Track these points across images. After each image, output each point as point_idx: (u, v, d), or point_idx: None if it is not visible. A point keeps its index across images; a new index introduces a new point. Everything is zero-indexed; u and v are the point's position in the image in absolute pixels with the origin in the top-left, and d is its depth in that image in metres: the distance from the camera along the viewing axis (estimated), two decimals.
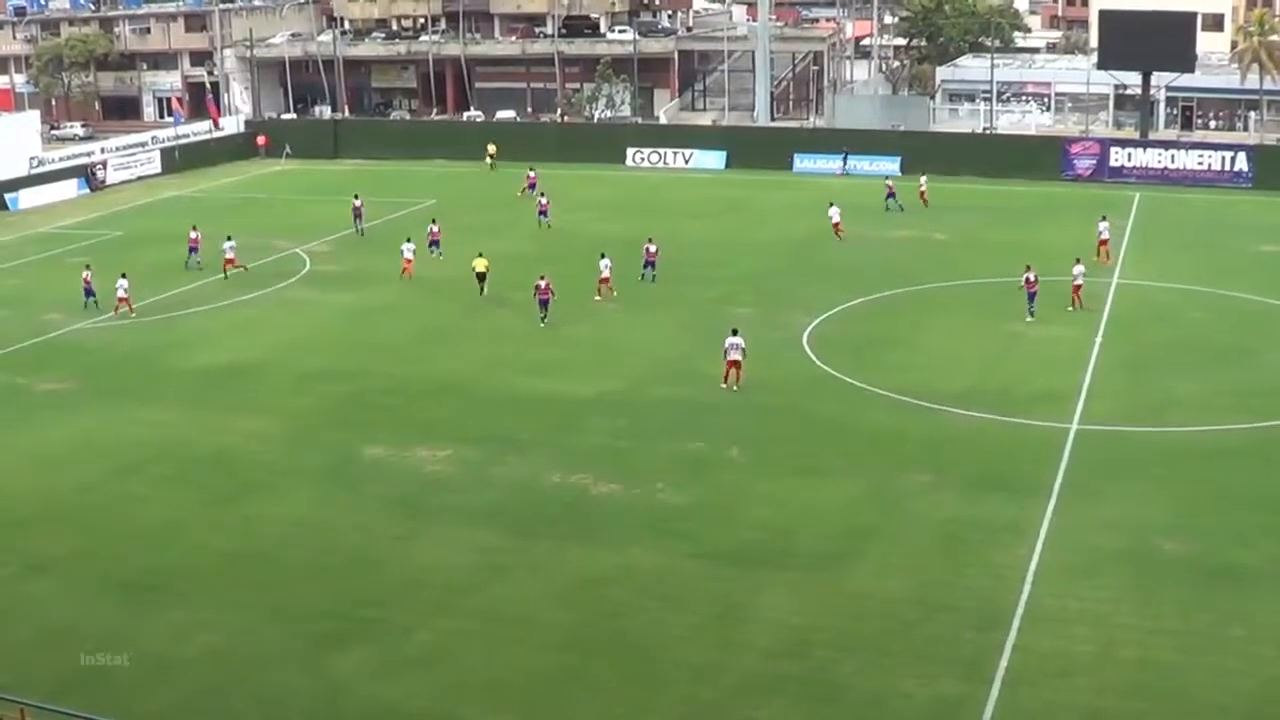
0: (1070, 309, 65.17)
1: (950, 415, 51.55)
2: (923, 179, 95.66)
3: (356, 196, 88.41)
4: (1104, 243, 76.39)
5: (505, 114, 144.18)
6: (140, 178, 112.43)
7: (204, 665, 34.03)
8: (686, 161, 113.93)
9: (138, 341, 62.84)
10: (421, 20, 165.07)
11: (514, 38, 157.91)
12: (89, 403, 54.80)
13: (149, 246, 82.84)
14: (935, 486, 44.71)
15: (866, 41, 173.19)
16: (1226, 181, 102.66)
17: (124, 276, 66.97)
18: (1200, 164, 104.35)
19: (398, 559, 40.10)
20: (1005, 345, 60.66)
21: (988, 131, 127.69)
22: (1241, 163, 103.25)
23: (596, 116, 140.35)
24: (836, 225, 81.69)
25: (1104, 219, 78.10)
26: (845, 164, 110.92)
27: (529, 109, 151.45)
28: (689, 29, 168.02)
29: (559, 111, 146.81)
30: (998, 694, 32.11)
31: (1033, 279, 64.54)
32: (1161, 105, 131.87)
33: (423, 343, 62.19)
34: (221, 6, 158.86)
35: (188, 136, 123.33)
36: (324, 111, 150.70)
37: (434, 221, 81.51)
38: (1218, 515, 42.27)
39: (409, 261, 73.27)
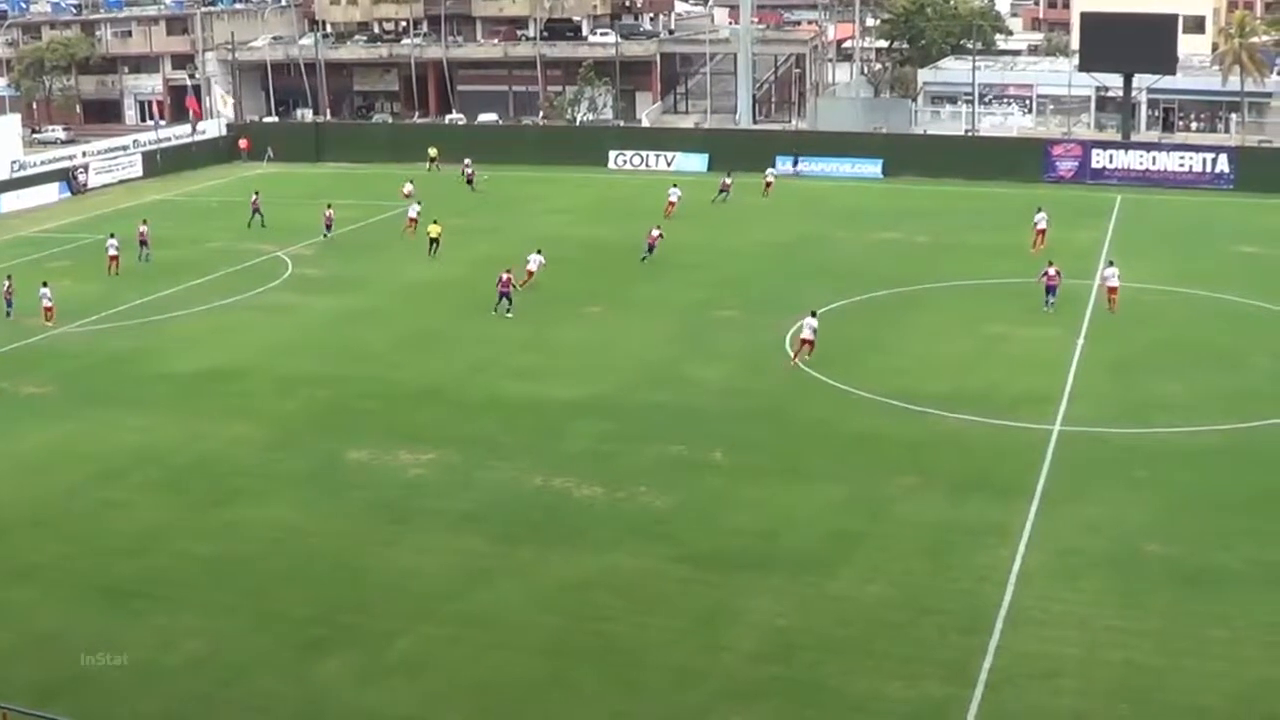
0: (1108, 310, 65.64)
1: (934, 417, 51.60)
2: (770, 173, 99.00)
3: (329, 206, 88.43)
4: (1041, 233, 79.01)
5: (487, 117, 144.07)
6: (122, 181, 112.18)
7: (189, 672, 33.96)
8: (669, 164, 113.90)
9: (119, 346, 62.69)
10: (403, 23, 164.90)
11: (496, 40, 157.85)
12: (71, 408, 54.64)
13: (131, 250, 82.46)
14: (919, 489, 44.76)
15: (848, 44, 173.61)
16: (1208, 183, 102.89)
17: (46, 285, 66.42)
18: (1182, 166, 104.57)
19: (380, 564, 40.04)
20: (988, 347, 60.73)
21: (970, 134, 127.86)
22: (1223, 164, 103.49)
23: (578, 119, 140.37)
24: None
25: (1040, 210, 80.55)
26: (796, 165, 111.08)
27: (511, 112, 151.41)
28: (671, 32, 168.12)
29: (541, 114, 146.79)
30: (981, 696, 32.17)
31: (1053, 274, 66.00)
32: (1143, 107, 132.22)
33: (406, 347, 62.12)
34: (203, 10, 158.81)
35: (169, 140, 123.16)
36: (306, 114, 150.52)
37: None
38: (1200, 517, 42.36)
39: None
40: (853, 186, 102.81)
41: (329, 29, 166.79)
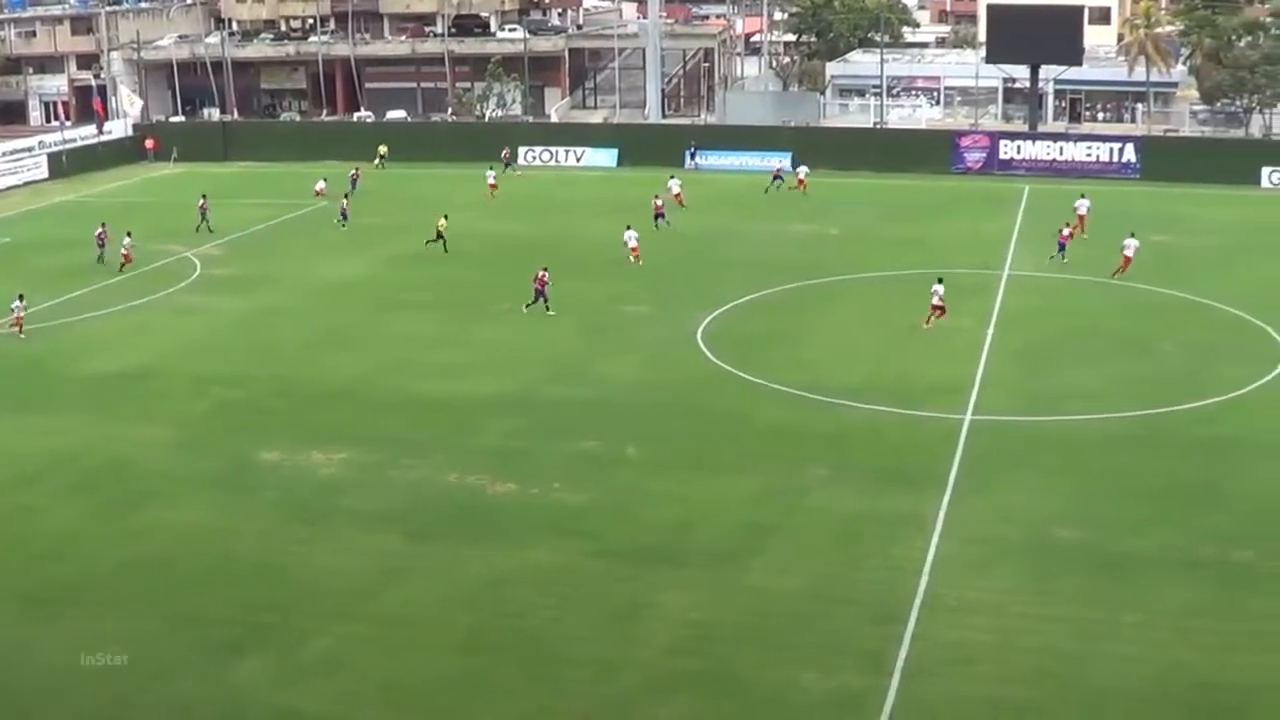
0: (1116, 277, 69.31)
1: (846, 409, 51.84)
2: (801, 169, 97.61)
3: (204, 196, 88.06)
4: (1081, 219, 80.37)
5: (396, 114, 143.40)
6: (27, 183, 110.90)
7: (105, 676, 33.62)
8: (578, 160, 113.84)
9: (29, 349, 61.97)
10: (310, 21, 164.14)
11: (404, 37, 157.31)
12: None
13: (37, 253, 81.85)
14: (832, 480, 44.97)
15: (757, 38, 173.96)
16: (1115, 172, 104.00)
17: (21, 297, 65.41)
18: (1089, 155, 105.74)
19: (295, 564, 39.83)
20: (899, 338, 61.02)
21: (878, 126, 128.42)
22: (1129, 154, 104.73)
23: (487, 116, 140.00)
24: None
25: (1083, 196, 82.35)
26: (694, 158, 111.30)
27: (420, 109, 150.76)
28: (579, 27, 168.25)
29: (450, 111, 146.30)
30: (898, 685, 32.34)
31: (1067, 232, 74.52)
32: (1050, 98, 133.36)
33: (318, 346, 61.82)
34: (108, 9, 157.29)
35: (75, 141, 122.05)
36: (213, 114, 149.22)
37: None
38: (1111, 503, 42.79)
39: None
40: (763, 180, 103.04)
41: (235, 27, 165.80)
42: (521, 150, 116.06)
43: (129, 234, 77.49)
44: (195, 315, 67.76)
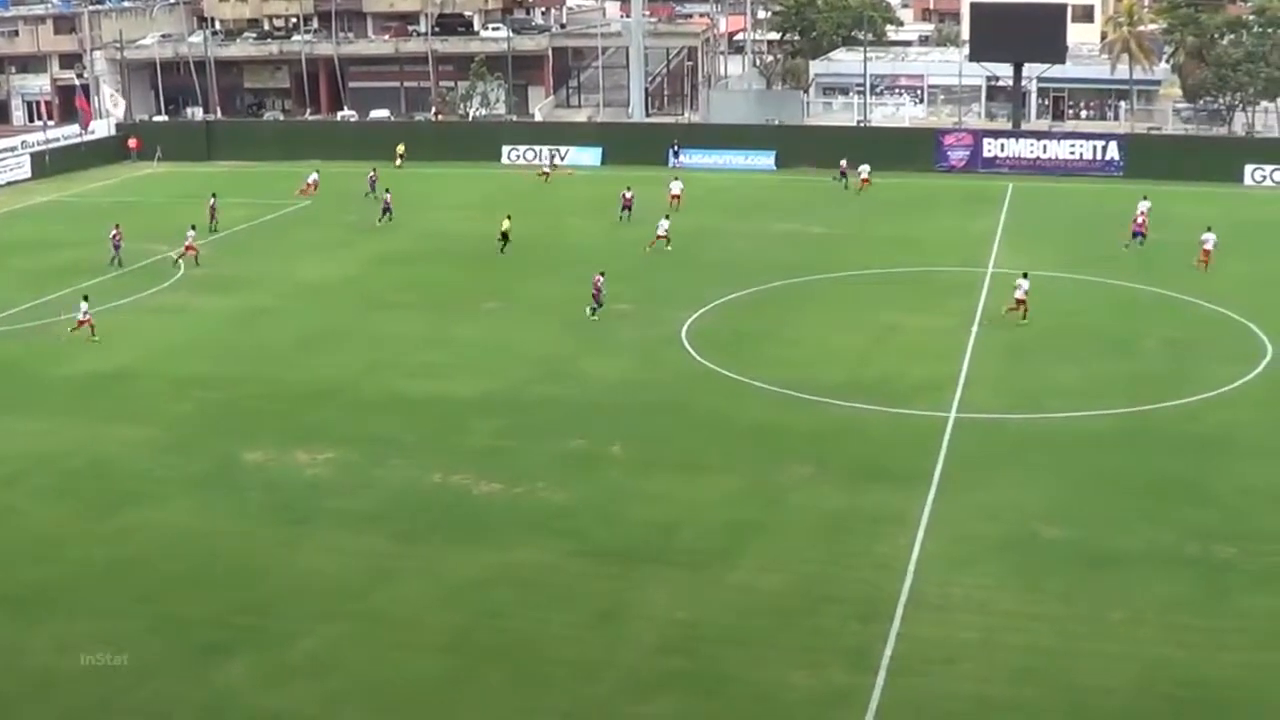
0: (1198, 266, 71.99)
1: (830, 407, 51.88)
2: (863, 169, 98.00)
3: (214, 195, 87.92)
4: (1144, 216, 79.75)
5: (379, 113, 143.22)
6: (10, 183, 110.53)
7: (89, 678, 33.54)
8: (562, 158, 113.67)
9: (11, 350, 61.80)
10: (294, 20, 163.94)
11: (387, 36, 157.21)
12: None
13: (20, 253, 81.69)
14: (817, 479, 45.00)
15: (740, 36, 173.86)
16: (1098, 170, 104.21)
17: (86, 299, 64.87)
18: (1072, 154, 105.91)
19: (280, 565, 39.78)
20: (883, 336, 61.10)
21: (862, 124, 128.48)
22: (1113, 152, 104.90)
23: (471, 115, 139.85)
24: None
25: (1145, 199, 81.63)
26: (676, 156, 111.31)
27: (403, 108, 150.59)
28: (563, 26, 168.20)
29: (433, 110, 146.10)
30: (884, 683, 32.36)
31: (1141, 221, 77.78)
32: (1033, 96, 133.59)
33: (303, 347, 61.69)
34: (91, 8, 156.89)
35: (58, 140, 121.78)
36: (196, 113, 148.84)
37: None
38: (1096, 500, 42.89)
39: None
40: (746, 179, 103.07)
41: (218, 26, 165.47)
42: (505, 149, 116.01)
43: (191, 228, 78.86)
44: (179, 315, 67.57)
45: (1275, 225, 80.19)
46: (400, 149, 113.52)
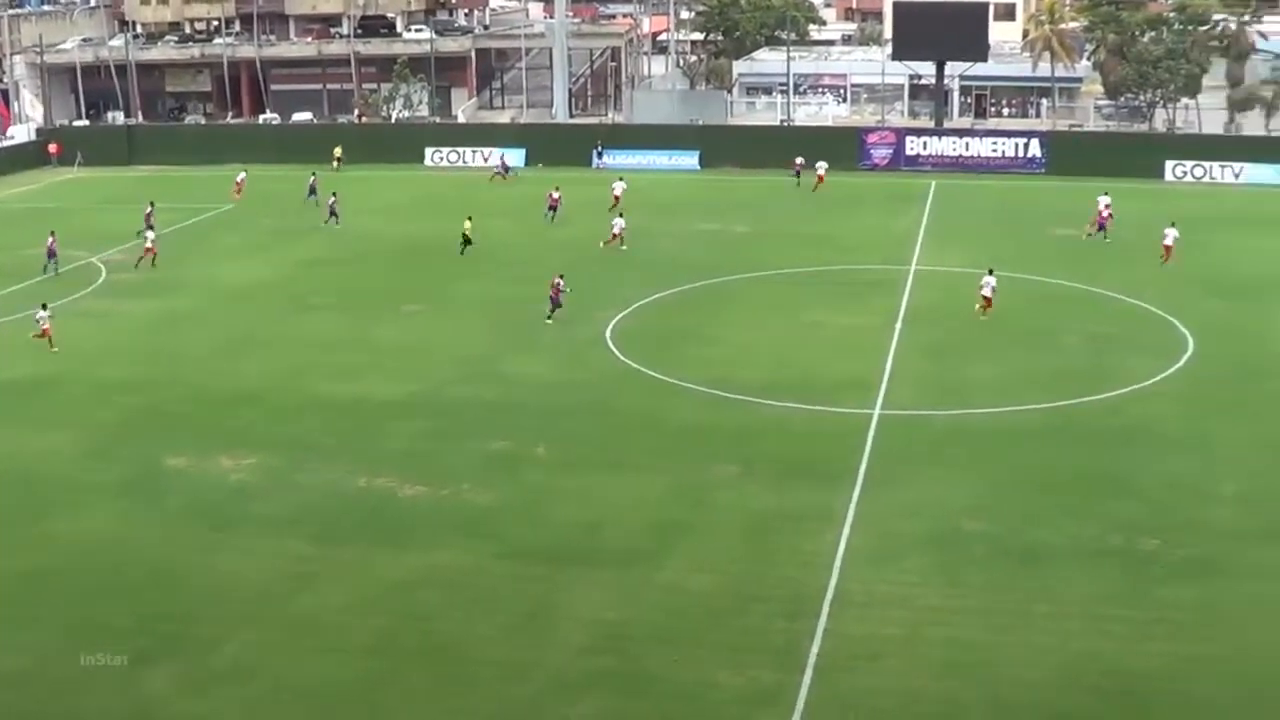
0: (1162, 263, 73.01)
1: (755, 406, 51.93)
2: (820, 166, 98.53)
3: (151, 204, 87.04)
4: (1108, 214, 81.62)
5: (302, 116, 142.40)
6: None
7: (8, 690, 33.21)
8: (485, 160, 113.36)
9: None
10: (215, 22, 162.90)
11: (309, 39, 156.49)
12: None
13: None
14: (742, 477, 45.04)
15: (663, 37, 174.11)
16: (1020, 167, 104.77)
17: (45, 307, 64.03)
18: (994, 151, 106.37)
19: (203, 571, 39.43)
20: (806, 335, 61.23)
21: (785, 124, 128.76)
22: (1035, 149, 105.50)
23: (394, 117, 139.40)
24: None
25: (1105, 194, 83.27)
26: (600, 157, 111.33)
27: (326, 111, 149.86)
28: (486, 27, 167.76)
29: (356, 112, 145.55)
30: (811, 680, 32.44)
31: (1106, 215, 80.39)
32: (955, 94, 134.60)
33: (224, 352, 61.19)
34: (10, 12, 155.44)
35: None
36: (117, 117, 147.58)
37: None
38: (1019, 496, 43.13)
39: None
40: (670, 179, 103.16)
41: (139, 30, 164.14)
42: (428, 151, 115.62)
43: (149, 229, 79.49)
44: (100, 321, 66.94)
45: (1195, 220, 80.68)
46: (338, 152, 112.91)
